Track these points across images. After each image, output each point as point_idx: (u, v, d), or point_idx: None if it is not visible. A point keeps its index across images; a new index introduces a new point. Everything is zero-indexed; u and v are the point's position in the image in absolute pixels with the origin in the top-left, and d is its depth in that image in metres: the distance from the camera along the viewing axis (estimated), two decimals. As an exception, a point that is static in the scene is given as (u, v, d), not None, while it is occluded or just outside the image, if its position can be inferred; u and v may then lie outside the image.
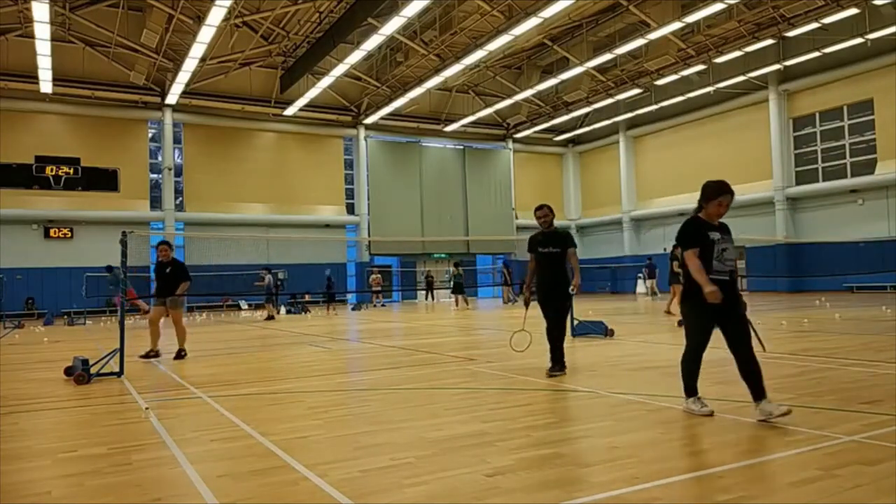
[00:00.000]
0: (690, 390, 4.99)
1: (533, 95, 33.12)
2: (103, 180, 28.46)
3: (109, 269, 19.09)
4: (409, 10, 20.74)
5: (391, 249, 35.21)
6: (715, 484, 3.43)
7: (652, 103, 32.65)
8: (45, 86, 25.74)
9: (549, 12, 21.56)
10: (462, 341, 12.23)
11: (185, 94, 28.67)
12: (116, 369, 7.99)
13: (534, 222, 8.01)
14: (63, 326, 20.30)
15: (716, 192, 4.86)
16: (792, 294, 27.13)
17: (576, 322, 11.69)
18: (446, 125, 35.54)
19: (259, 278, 22.92)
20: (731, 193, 4.85)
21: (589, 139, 39.58)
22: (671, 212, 33.56)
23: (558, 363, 7.27)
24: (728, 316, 4.85)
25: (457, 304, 25.70)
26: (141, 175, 30.14)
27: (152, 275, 28.87)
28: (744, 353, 4.78)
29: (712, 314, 4.82)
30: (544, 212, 7.67)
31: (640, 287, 32.08)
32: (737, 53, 26.50)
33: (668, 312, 16.25)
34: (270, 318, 21.27)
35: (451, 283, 26.67)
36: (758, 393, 4.70)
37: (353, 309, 27.96)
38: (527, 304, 8.11)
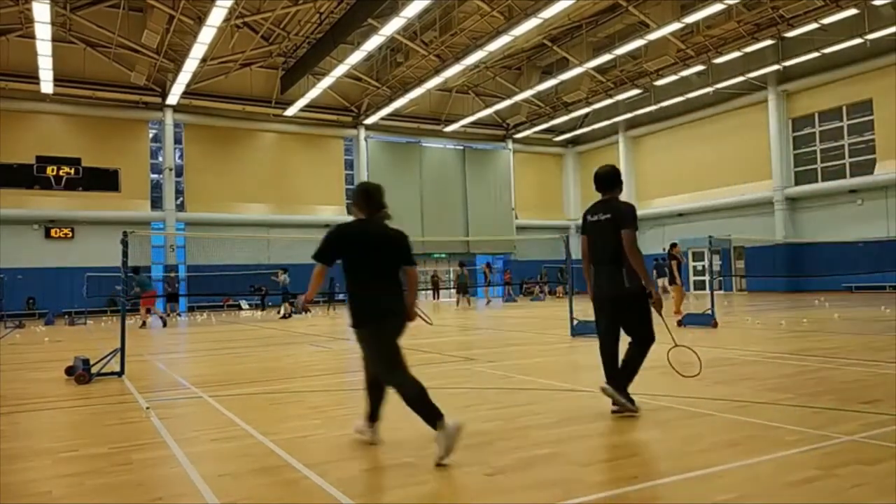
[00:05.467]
0: None
1: (533, 96, 33.12)
2: (104, 180, 28.43)
3: (136, 270, 19.32)
4: (410, 11, 20.74)
5: (391, 249, 35.16)
6: (715, 484, 3.44)
7: (651, 104, 32.65)
8: (46, 86, 25.73)
9: (548, 13, 21.56)
10: (462, 341, 12.24)
11: (186, 94, 28.67)
12: (117, 369, 7.99)
13: (533, 222, 7.62)
14: (64, 326, 20.30)
15: None
16: (791, 294, 27.13)
17: (575, 322, 11.70)
18: (446, 125, 35.55)
19: (275, 275, 23.29)
20: None
21: (588, 139, 39.58)
22: (671, 212, 33.56)
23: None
24: None
25: (458, 304, 25.98)
26: (142, 175, 30.14)
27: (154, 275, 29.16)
28: None
29: None
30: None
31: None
32: (736, 54, 26.49)
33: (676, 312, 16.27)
34: (286, 316, 21.41)
35: (458, 282, 26.90)
36: None
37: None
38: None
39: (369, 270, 4.25)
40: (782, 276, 27.96)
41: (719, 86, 29.52)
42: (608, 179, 5.26)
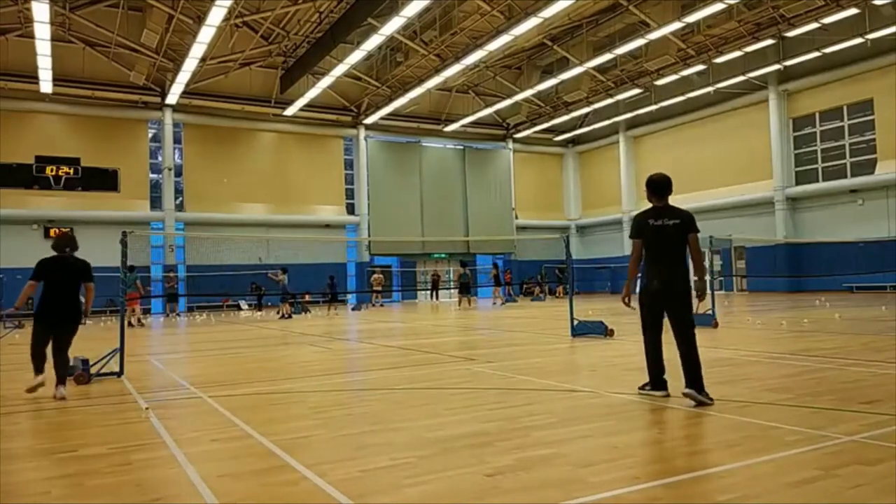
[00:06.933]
0: None
1: (533, 95, 33.11)
2: (103, 180, 28.41)
3: (131, 268, 19.35)
4: (409, 11, 20.73)
5: (391, 249, 35.20)
6: (715, 484, 3.43)
7: (652, 103, 32.63)
8: (46, 86, 25.73)
9: (549, 12, 21.55)
10: (462, 341, 12.23)
11: (186, 94, 28.66)
12: (116, 369, 7.98)
13: (533, 222, 7.78)
14: (63, 326, 20.25)
15: None
16: (792, 294, 27.12)
17: (576, 322, 11.69)
18: (446, 125, 35.54)
19: (274, 274, 23.23)
20: None
21: (589, 139, 39.58)
22: (671, 212, 33.52)
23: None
24: None
25: (459, 304, 25.96)
26: (141, 175, 30.13)
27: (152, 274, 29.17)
28: None
29: None
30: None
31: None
32: (737, 53, 26.48)
33: None
34: (286, 317, 21.38)
35: (459, 282, 26.83)
36: None
37: (353, 309, 27.95)
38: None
39: (56, 287, 6.57)
40: (783, 276, 27.95)
41: (720, 85, 29.51)
42: (666, 186, 5.91)
